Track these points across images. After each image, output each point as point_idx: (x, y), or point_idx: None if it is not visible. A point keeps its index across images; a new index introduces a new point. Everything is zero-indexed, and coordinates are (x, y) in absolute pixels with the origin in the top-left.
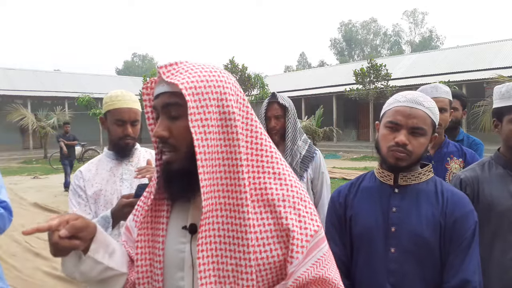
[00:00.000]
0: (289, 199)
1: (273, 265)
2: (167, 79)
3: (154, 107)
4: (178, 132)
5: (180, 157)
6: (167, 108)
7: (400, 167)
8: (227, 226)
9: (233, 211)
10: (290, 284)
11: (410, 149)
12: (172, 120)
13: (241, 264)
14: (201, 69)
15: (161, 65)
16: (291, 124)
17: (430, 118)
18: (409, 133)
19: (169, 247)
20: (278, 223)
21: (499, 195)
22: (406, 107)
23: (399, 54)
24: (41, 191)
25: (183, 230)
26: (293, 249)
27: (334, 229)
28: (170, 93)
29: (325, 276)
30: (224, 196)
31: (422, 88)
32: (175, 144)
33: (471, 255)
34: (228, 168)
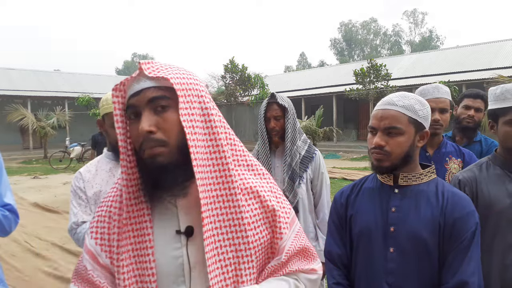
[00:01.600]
0: (265, 185)
1: (263, 245)
2: (151, 74)
3: (133, 106)
4: (166, 125)
5: (169, 150)
6: (154, 102)
7: (384, 168)
8: (222, 217)
9: (227, 201)
10: (283, 258)
11: (388, 150)
12: (158, 114)
13: (241, 249)
14: (177, 69)
15: (142, 61)
16: (290, 124)
17: (405, 115)
18: (385, 134)
19: (163, 255)
20: (264, 206)
21: (497, 194)
22: (379, 110)
23: (399, 54)
24: (41, 191)
25: (177, 235)
26: (281, 226)
27: (336, 229)
28: (155, 87)
29: (305, 245)
30: (216, 189)
31: (423, 88)
32: (163, 138)
33: (470, 256)
34: (216, 161)
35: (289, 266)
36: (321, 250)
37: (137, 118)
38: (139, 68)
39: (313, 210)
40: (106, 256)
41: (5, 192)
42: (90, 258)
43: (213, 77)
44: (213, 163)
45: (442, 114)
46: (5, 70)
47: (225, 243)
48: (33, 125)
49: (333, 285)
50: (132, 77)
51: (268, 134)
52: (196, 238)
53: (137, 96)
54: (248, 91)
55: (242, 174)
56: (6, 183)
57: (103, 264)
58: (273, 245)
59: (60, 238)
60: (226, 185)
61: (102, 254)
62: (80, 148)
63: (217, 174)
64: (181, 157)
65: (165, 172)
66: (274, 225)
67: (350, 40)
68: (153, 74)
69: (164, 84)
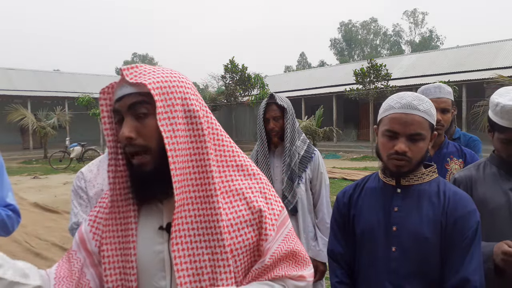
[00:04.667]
0: (254, 186)
1: (248, 247)
2: (132, 80)
3: (116, 110)
4: (146, 131)
5: (151, 157)
6: (134, 109)
7: (403, 173)
8: (199, 218)
9: (204, 203)
10: (267, 260)
11: (410, 156)
12: (138, 120)
13: (217, 252)
14: (162, 71)
15: (124, 67)
16: (289, 124)
17: (427, 121)
18: (408, 140)
19: (144, 250)
20: (250, 207)
21: (491, 193)
22: (402, 114)
23: (399, 54)
24: (41, 191)
25: (160, 231)
26: (266, 227)
27: (338, 228)
28: (135, 93)
29: (294, 249)
30: (194, 190)
31: (425, 87)
32: (143, 144)
33: (472, 254)
34: (197, 163)
35: (275, 271)
36: (320, 250)
37: (121, 123)
38: (121, 74)
39: (312, 210)
40: (95, 245)
41: (7, 193)
42: (79, 240)
43: (213, 77)
44: (193, 165)
45: (443, 114)
46: (5, 70)
47: (201, 244)
48: (33, 125)
49: (336, 284)
50: (116, 83)
51: (267, 134)
52: None
53: (119, 102)
54: (248, 91)
55: (229, 176)
56: (7, 184)
57: (90, 250)
58: (259, 247)
59: (60, 238)
60: (204, 187)
61: (92, 241)
62: (80, 148)
63: (196, 176)
64: (164, 161)
65: (150, 179)
66: (260, 227)
67: (350, 40)
68: (133, 80)
69: (146, 89)
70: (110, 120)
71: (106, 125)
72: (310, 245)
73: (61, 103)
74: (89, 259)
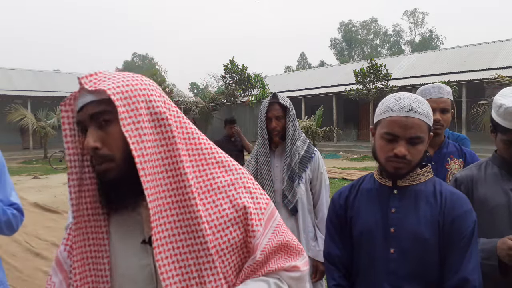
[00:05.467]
0: (237, 181)
1: (234, 246)
2: (91, 88)
3: (79, 122)
4: (110, 139)
5: (117, 165)
6: (96, 117)
7: (401, 175)
8: (179, 223)
9: (182, 207)
10: (258, 256)
11: (409, 159)
12: (102, 129)
13: (201, 256)
14: (123, 76)
15: (82, 75)
16: (291, 124)
17: (426, 124)
18: (407, 143)
19: (130, 266)
20: (233, 204)
21: (492, 192)
22: (402, 117)
23: (399, 54)
24: (41, 191)
25: (142, 245)
26: (253, 223)
27: (335, 230)
28: (96, 101)
29: (285, 240)
30: (170, 195)
31: (424, 87)
32: (108, 153)
33: (470, 254)
34: (169, 167)
35: (268, 265)
36: (320, 250)
37: (85, 133)
38: (79, 82)
39: (312, 210)
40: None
41: (11, 192)
42: (55, 263)
43: (213, 77)
44: (166, 169)
45: (443, 114)
46: (5, 70)
47: (184, 249)
48: (33, 125)
49: (333, 287)
50: (76, 93)
51: (269, 134)
52: None
53: (80, 112)
54: (248, 91)
55: (210, 174)
56: (10, 183)
57: (66, 270)
58: (247, 244)
59: (60, 238)
60: (180, 190)
61: (68, 261)
62: None
63: (170, 181)
64: (131, 169)
65: (116, 187)
66: (246, 223)
67: (350, 40)
68: (92, 87)
69: (106, 96)
70: (71, 132)
71: (67, 137)
72: (310, 245)
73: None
74: (66, 281)
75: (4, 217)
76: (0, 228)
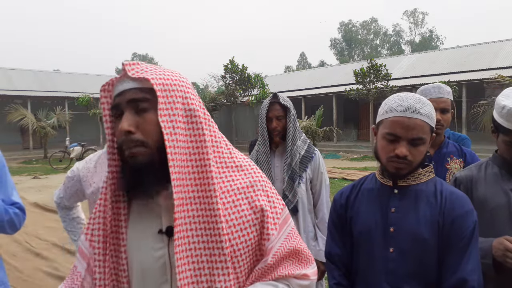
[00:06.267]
0: (256, 184)
1: (250, 247)
2: (134, 75)
3: (116, 105)
4: (146, 126)
5: (147, 151)
6: (135, 103)
7: (402, 175)
8: (198, 219)
9: (203, 203)
10: (270, 259)
11: (410, 159)
12: (139, 114)
13: (215, 254)
14: (163, 70)
15: (126, 62)
16: (292, 124)
17: (428, 125)
18: (409, 143)
19: (145, 255)
20: (252, 206)
21: (492, 192)
22: (404, 117)
23: (399, 54)
24: (41, 191)
25: (159, 235)
26: (268, 226)
27: (336, 229)
28: (137, 88)
29: (297, 247)
30: (193, 190)
31: (424, 87)
32: (142, 138)
33: (470, 254)
34: (196, 163)
35: (279, 270)
36: (320, 250)
37: (120, 118)
38: (123, 69)
39: (313, 210)
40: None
41: (12, 191)
42: (78, 252)
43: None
44: (192, 165)
45: (443, 114)
46: (5, 70)
47: (199, 245)
48: (33, 125)
49: (333, 286)
50: (117, 78)
51: (269, 134)
52: None
53: (119, 96)
54: (248, 91)
55: (229, 176)
56: (11, 183)
57: (88, 257)
58: (261, 246)
59: (60, 238)
60: (204, 187)
61: (90, 249)
62: (80, 148)
63: (195, 176)
64: (161, 158)
65: (144, 172)
66: (262, 226)
67: (350, 40)
68: (136, 75)
69: (147, 85)
70: (111, 118)
71: (107, 123)
72: (310, 245)
73: (61, 103)
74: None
75: (6, 216)
76: (3, 227)
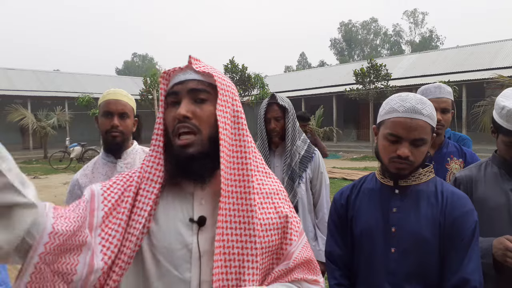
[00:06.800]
0: (280, 193)
1: (271, 248)
2: (198, 69)
3: (175, 92)
4: (203, 115)
5: (200, 138)
6: (195, 93)
7: (404, 175)
8: (234, 212)
9: (241, 198)
10: (291, 263)
11: (412, 160)
12: (197, 104)
13: (247, 247)
14: (218, 71)
15: (193, 56)
16: (290, 125)
17: (430, 125)
18: (411, 144)
19: (170, 239)
20: (277, 211)
21: (491, 192)
22: (407, 118)
23: (399, 54)
24: (41, 191)
25: (189, 223)
26: (291, 232)
27: (336, 229)
28: (199, 80)
29: (310, 257)
30: (232, 185)
31: (425, 87)
32: (197, 125)
33: (471, 254)
34: (238, 160)
35: (294, 274)
36: (320, 250)
37: (176, 105)
38: (188, 61)
39: (313, 210)
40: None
41: None
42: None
43: None
44: (234, 161)
45: (444, 114)
46: (5, 70)
47: (232, 238)
48: (33, 125)
49: (334, 286)
50: (180, 68)
51: (268, 134)
52: (207, 229)
53: (180, 84)
54: (248, 91)
55: (260, 179)
56: None
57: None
58: (280, 250)
59: None
60: (243, 183)
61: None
62: (80, 148)
63: (236, 172)
64: (210, 149)
65: (193, 160)
66: (285, 231)
67: (350, 40)
68: (200, 69)
69: (207, 80)
70: (165, 105)
71: (161, 108)
72: (310, 245)
73: (61, 103)
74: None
75: None
76: None
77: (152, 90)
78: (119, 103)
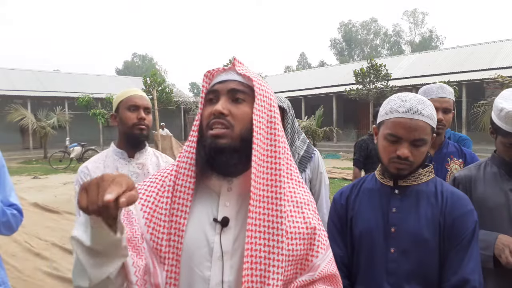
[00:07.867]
0: (311, 204)
1: (296, 257)
2: (240, 71)
3: (215, 90)
4: (238, 113)
5: (233, 135)
6: (234, 92)
7: (403, 175)
8: (263, 216)
9: (271, 203)
10: (316, 275)
11: (412, 160)
12: (234, 103)
13: (274, 252)
14: (261, 79)
15: (236, 59)
16: (289, 125)
17: (430, 126)
18: (411, 144)
19: (194, 236)
20: (306, 222)
21: (491, 192)
22: (407, 118)
23: (399, 54)
24: (41, 191)
25: (213, 223)
26: (318, 245)
27: (336, 230)
28: (239, 82)
29: (335, 272)
30: (264, 189)
31: (427, 87)
32: (232, 122)
33: (471, 254)
34: (270, 165)
35: (317, 286)
36: None
37: (215, 102)
38: (233, 63)
39: None
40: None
41: (10, 192)
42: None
43: None
44: (267, 166)
45: (445, 114)
46: (5, 70)
47: (260, 241)
48: (33, 125)
49: None
50: (224, 69)
51: None
52: (229, 230)
53: (221, 84)
54: None
55: (293, 188)
56: (10, 184)
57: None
58: (306, 261)
59: (60, 238)
60: (274, 188)
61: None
62: (80, 148)
63: (268, 177)
64: (240, 147)
65: (222, 152)
66: (311, 243)
67: (350, 40)
68: (242, 71)
69: (247, 83)
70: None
71: (201, 104)
72: None
73: (61, 103)
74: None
75: (4, 218)
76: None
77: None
78: (144, 99)
